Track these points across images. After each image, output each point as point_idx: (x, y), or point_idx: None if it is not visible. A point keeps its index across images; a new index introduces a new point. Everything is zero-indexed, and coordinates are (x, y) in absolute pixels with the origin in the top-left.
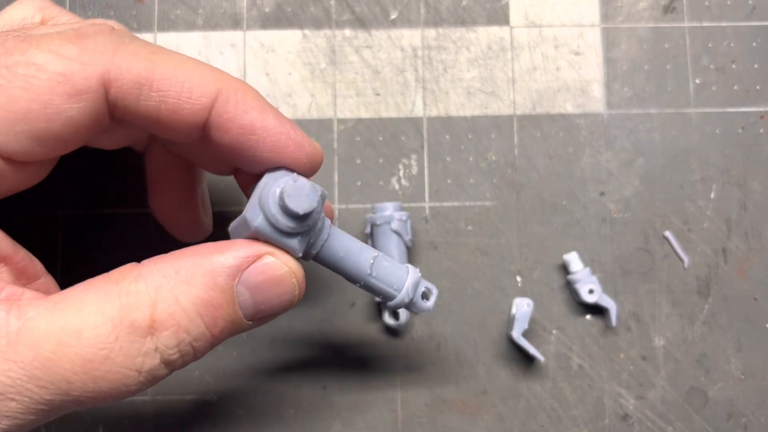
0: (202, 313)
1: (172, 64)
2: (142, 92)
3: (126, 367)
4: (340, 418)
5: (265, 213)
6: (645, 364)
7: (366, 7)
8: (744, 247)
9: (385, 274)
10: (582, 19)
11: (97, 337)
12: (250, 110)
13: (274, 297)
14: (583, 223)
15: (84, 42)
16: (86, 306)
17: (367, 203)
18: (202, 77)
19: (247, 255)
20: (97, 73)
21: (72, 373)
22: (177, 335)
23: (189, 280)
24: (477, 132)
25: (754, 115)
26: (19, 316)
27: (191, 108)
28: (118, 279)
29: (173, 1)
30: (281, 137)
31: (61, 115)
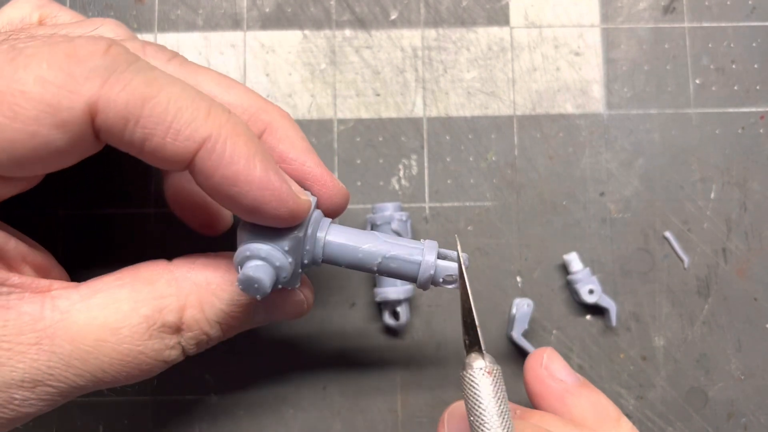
0: (222, 322)
1: (165, 100)
2: (128, 127)
3: (155, 359)
4: (340, 418)
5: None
6: (645, 364)
7: (366, 8)
8: (744, 247)
9: (400, 248)
10: (582, 19)
11: (133, 335)
12: (237, 161)
13: (286, 313)
14: (583, 223)
15: (74, 67)
16: (122, 304)
17: (367, 203)
18: (192, 118)
19: None
20: (84, 103)
21: (108, 365)
22: (198, 337)
23: (217, 293)
24: (477, 132)
25: (754, 115)
26: (54, 308)
27: (174, 150)
28: (151, 278)
29: (173, 1)
30: (265, 193)
31: (47, 145)
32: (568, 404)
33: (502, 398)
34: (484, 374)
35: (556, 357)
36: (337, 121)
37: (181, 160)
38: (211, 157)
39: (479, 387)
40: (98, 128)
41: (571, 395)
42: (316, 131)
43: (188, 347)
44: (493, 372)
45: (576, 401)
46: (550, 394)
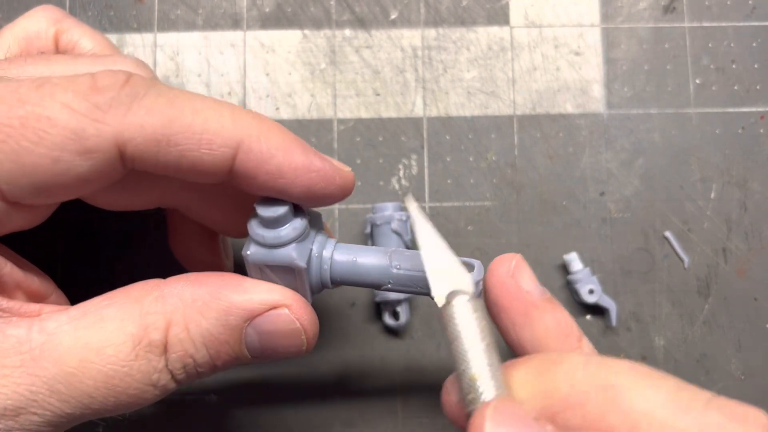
0: (208, 345)
1: (190, 115)
2: (161, 148)
3: (143, 382)
4: (339, 418)
5: (252, 237)
6: (645, 364)
7: (366, 7)
8: (744, 247)
9: (409, 262)
10: (582, 19)
11: (118, 354)
12: (276, 153)
13: (280, 347)
14: (583, 223)
15: (98, 97)
16: (108, 323)
17: (367, 203)
18: (220, 125)
19: (264, 303)
20: (111, 133)
21: (94, 389)
22: (183, 360)
23: (203, 311)
24: (477, 132)
25: (754, 115)
26: (41, 331)
27: (212, 160)
28: (139, 296)
29: (173, 1)
30: (311, 175)
31: (70, 171)
32: (531, 318)
33: (488, 330)
34: (467, 304)
35: (524, 266)
36: (337, 121)
37: (221, 169)
38: (250, 158)
39: (462, 318)
40: (131, 156)
41: (536, 309)
42: (316, 131)
43: (176, 371)
44: (476, 303)
45: (540, 316)
46: (513, 306)
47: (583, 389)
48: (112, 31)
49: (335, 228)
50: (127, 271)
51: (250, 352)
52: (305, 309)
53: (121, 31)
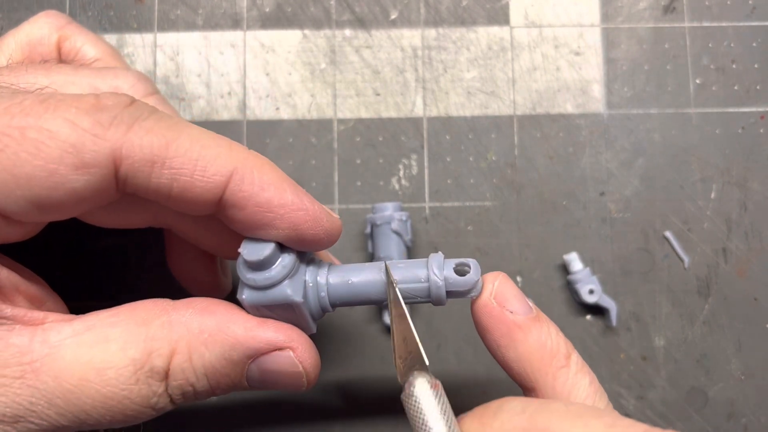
0: (209, 376)
1: (187, 141)
2: (154, 170)
3: (141, 405)
4: (339, 419)
5: (243, 281)
6: (645, 364)
7: (366, 7)
8: (744, 247)
9: (403, 271)
10: (582, 19)
11: (119, 377)
12: (267, 187)
13: (281, 384)
14: (583, 223)
15: (100, 115)
16: (112, 344)
17: (367, 203)
18: (217, 154)
19: (270, 344)
20: (109, 148)
21: (91, 407)
22: (183, 387)
23: (207, 344)
24: (477, 132)
25: (754, 115)
26: (43, 342)
27: (204, 186)
28: (146, 320)
29: (173, 1)
30: (299, 213)
31: (65, 186)
32: (515, 339)
33: (448, 412)
34: (430, 389)
35: (507, 285)
36: (337, 120)
37: (211, 198)
38: (242, 187)
39: (424, 403)
40: (124, 175)
41: (520, 330)
42: (316, 131)
43: (174, 396)
44: (437, 386)
45: (524, 337)
46: (497, 328)
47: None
48: (112, 31)
49: None
50: (124, 277)
51: (249, 383)
52: (309, 352)
53: (121, 31)
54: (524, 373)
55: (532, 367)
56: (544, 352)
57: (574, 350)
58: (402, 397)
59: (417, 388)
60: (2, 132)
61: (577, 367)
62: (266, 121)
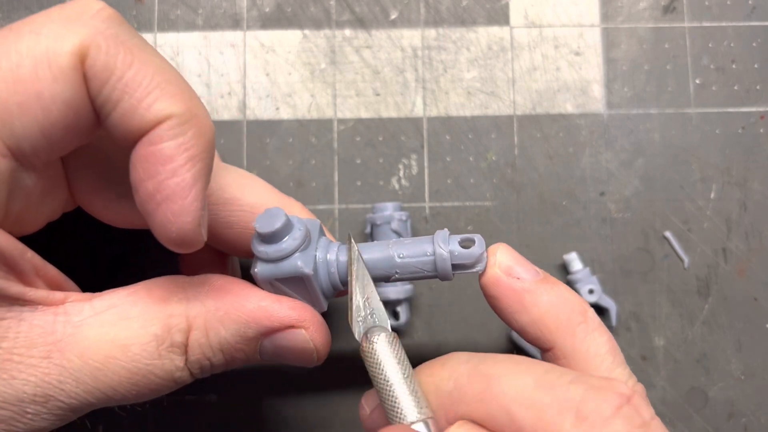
0: (225, 352)
1: (152, 68)
2: (110, 81)
3: (164, 378)
4: (339, 418)
5: (256, 254)
6: (645, 364)
7: (366, 7)
8: (744, 247)
9: (410, 247)
10: (582, 19)
11: (143, 353)
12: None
13: (292, 359)
14: (583, 223)
15: (69, 18)
16: (133, 321)
17: (367, 203)
18: (173, 93)
19: (284, 322)
20: (76, 47)
21: (118, 383)
22: (200, 362)
23: (224, 321)
24: (477, 132)
25: (754, 115)
26: (66, 322)
27: (143, 116)
28: (164, 297)
29: (173, 1)
30: (178, 191)
31: (55, 100)
32: (526, 304)
33: (405, 363)
34: (387, 342)
35: (509, 253)
36: (337, 121)
37: (142, 130)
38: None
39: (383, 355)
40: (84, 75)
41: (530, 294)
42: (316, 131)
43: (193, 369)
44: (396, 339)
45: (534, 300)
46: (506, 296)
47: (463, 383)
48: None
49: (335, 228)
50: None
51: (262, 356)
52: (321, 330)
53: None
54: (541, 335)
55: (548, 328)
56: (558, 311)
57: (589, 307)
58: (361, 350)
59: (377, 341)
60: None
61: (594, 323)
62: (266, 121)
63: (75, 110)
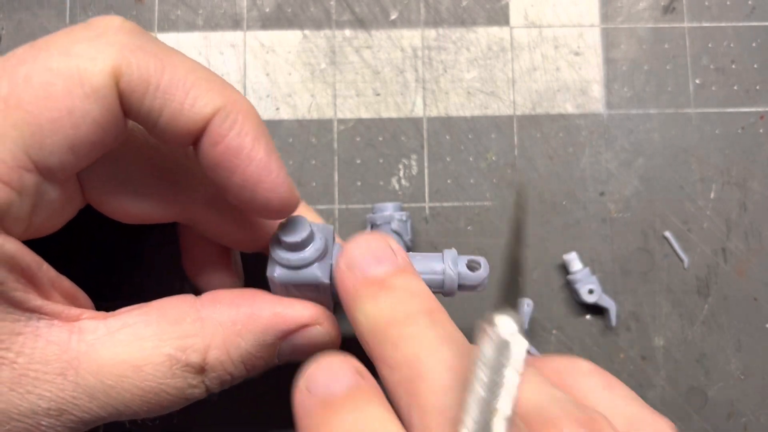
0: (246, 363)
1: (183, 70)
2: (149, 91)
3: (177, 396)
4: None
5: (276, 260)
6: (645, 364)
7: (366, 8)
8: (744, 247)
9: (421, 263)
10: (582, 19)
11: (156, 373)
12: (245, 134)
13: (310, 355)
14: (583, 223)
15: (95, 38)
16: (146, 342)
17: (367, 203)
18: (209, 87)
19: (299, 323)
20: (109, 66)
21: (130, 401)
22: (221, 377)
23: (241, 334)
24: (477, 132)
25: (754, 115)
26: (80, 340)
27: (190, 116)
28: (178, 318)
29: (173, 1)
30: (263, 171)
31: (85, 118)
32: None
33: None
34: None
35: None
36: (337, 121)
37: (194, 130)
38: (223, 125)
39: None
40: (122, 92)
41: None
42: (316, 131)
43: (211, 386)
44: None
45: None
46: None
47: None
48: None
49: (335, 228)
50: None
51: (280, 359)
52: (334, 324)
53: None
54: None
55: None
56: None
57: None
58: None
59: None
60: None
61: None
62: (266, 121)
63: (104, 127)
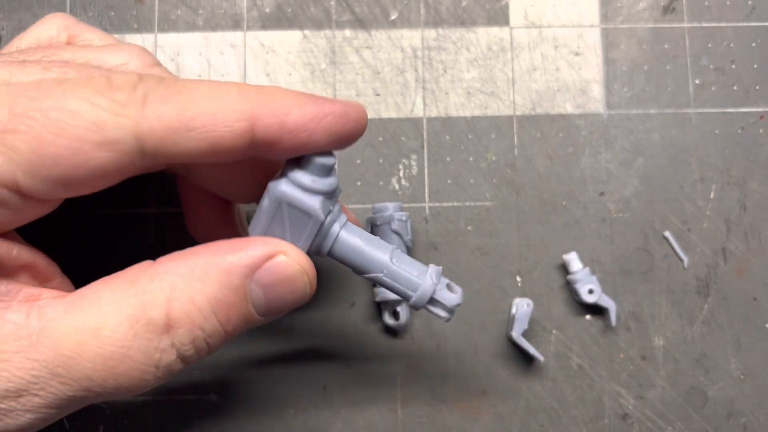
0: (216, 311)
1: (200, 99)
2: (179, 135)
3: (144, 363)
4: (340, 418)
5: (289, 176)
6: (645, 364)
7: (366, 8)
8: (743, 247)
9: (406, 263)
10: (582, 19)
11: (115, 335)
12: (290, 110)
13: (286, 294)
14: (583, 223)
15: (115, 94)
16: (104, 305)
17: (367, 203)
18: (231, 102)
19: (261, 254)
20: (129, 125)
21: (92, 371)
22: (192, 332)
23: (203, 278)
24: (477, 132)
25: (754, 115)
26: (39, 317)
27: (233, 135)
28: (134, 278)
29: (174, 1)
30: (328, 119)
31: (90, 163)
32: None
33: None
34: None
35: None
36: None
37: (242, 143)
38: (269, 122)
39: None
40: (153, 149)
41: None
42: None
43: (183, 348)
44: None
45: None
46: None
47: None
48: (113, 31)
49: None
50: None
51: (257, 310)
52: (302, 255)
53: (121, 31)
54: None
55: None
56: None
57: None
58: None
59: None
60: (25, 114)
61: None
62: None
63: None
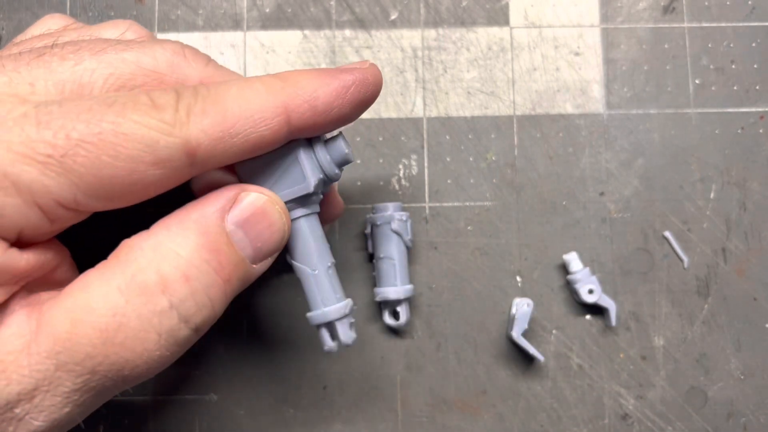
0: (206, 257)
1: (236, 104)
2: (225, 143)
3: (143, 330)
4: (340, 418)
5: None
6: (645, 364)
7: (366, 8)
8: (743, 247)
9: (336, 282)
10: (582, 19)
11: (106, 305)
12: (317, 93)
13: (264, 229)
14: (583, 223)
15: (161, 114)
16: (91, 284)
17: (367, 203)
18: (263, 100)
19: (228, 196)
20: (179, 143)
21: (91, 347)
22: (188, 285)
23: (182, 232)
24: (477, 132)
25: (754, 115)
26: (39, 315)
27: (272, 131)
28: (116, 255)
29: (174, 1)
30: (351, 90)
31: (143, 180)
32: None
33: None
34: None
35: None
36: None
37: (282, 135)
38: (302, 112)
39: None
40: (203, 161)
41: None
42: None
43: (183, 307)
44: None
45: None
46: None
47: None
48: None
49: (335, 228)
50: None
51: (244, 253)
52: (270, 191)
53: None
54: None
55: None
56: None
57: None
58: None
59: None
60: (83, 140)
61: None
62: None
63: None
